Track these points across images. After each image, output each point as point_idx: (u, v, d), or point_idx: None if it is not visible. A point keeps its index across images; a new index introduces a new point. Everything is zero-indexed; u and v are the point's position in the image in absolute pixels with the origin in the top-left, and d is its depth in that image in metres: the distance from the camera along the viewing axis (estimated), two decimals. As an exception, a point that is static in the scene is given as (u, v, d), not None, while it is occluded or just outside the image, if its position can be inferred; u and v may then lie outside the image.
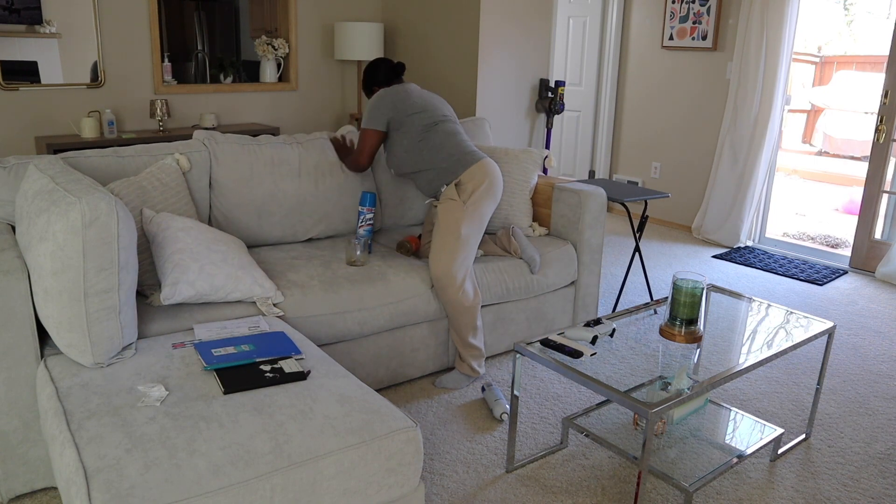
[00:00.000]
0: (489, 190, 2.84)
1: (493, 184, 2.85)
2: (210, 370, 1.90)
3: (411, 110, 2.91)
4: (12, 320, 1.96)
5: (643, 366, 2.21)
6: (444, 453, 2.45)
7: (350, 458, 1.62)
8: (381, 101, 2.91)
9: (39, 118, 4.22)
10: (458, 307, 2.79)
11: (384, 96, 2.92)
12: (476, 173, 2.84)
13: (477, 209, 2.81)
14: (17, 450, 2.07)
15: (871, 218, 4.61)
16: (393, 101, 2.91)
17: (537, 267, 3.06)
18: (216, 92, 4.83)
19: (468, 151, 2.91)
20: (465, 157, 2.87)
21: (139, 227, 2.37)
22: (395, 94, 2.93)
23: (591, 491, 2.27)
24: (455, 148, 2.90)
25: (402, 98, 2.92)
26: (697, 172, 5.49)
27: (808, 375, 3.13)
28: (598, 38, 5.94)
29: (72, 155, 2.55)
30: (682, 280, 2.23)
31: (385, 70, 3.07)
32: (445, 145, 2.89)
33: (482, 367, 2.92)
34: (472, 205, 2.80)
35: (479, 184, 2.82)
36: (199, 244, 2.33)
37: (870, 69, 9.06)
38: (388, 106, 2.90)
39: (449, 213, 2.80)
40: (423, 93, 3.01)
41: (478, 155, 2.91)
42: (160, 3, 4.48)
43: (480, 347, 2.90)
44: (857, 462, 2.49)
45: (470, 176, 2.83)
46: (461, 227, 2.77)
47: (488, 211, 2.87)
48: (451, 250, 2.75)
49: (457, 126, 2.99)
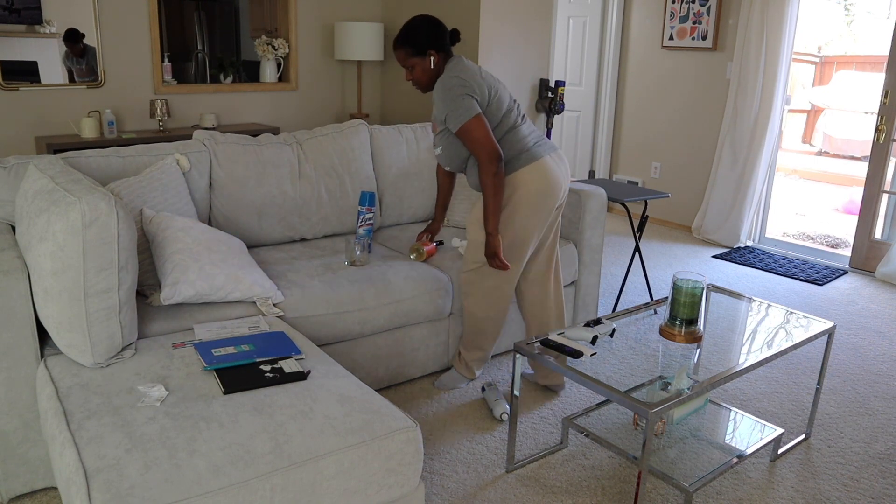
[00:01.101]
0: (529, 198, 2.49)
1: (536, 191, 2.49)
2: (210, 370, 1.90)
3: (492, 93, 2.45)
4: (12, 320, 1.96)
5: (643, 366, 2.21)
6: (444, 453, 2.45)
7: (350, 458, 1.62)
8: (463, 85, 2.38)
9: (39, 118, 4.22)
10: (467, 312, 2.75)
11: (465, 79, 2.39)
12: (523, 178, 2.49)
13: (510, 226, 2.52)
14: (17, 450, 2.07)
15: (871, 218, 4.61)
16: (478, 80, 2.41)
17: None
18: (216, 92, 4.83)
19: (526, 148, 2.50)
20: (523, 156, 2.49)
21: (139, 227, 2.37)
22: (473, 70, 2.43)
23: (591, 491, 2.27)
24: (520, 142, 2.51)
25: (482, 75, 2.45)
26: (697, 172, 5.49)
27: (808, 375, 3.13)
28: (598, 38, 5.94)
29: (72, 155, 2.55)
30: (682, 280, 2.23)
31: (447, 33, 2.51)
32: (515, 137, 2.50)
33: (479, 370, 2.90)
34: (504, 221, 2.52)
35: (519, 191, 2.48)
36: (198, 244, 2.33)
37: (870, 69, 9.06)
38: (476, 82, 2.41)
39: (475, 232, 2.59)
40: (485, 71, 2.56)
41: (535, 153, 2.51)
42: (160, 3, 4.48)
43: (484, 353, 2.84)
44: (857, 462, 2.49)
45: (519, 181, 2.49)
46: (482, 252, 2.60)
47: (531, 220, 2.52)
48: (475, 265, 2.64)
49: (519, 111, 2.58)
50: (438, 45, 2.45)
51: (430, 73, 2.49)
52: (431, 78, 2.51)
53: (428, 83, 2.52)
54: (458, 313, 2.93)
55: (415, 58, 2.47)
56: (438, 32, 2.44)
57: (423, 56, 2.45)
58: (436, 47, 2.45)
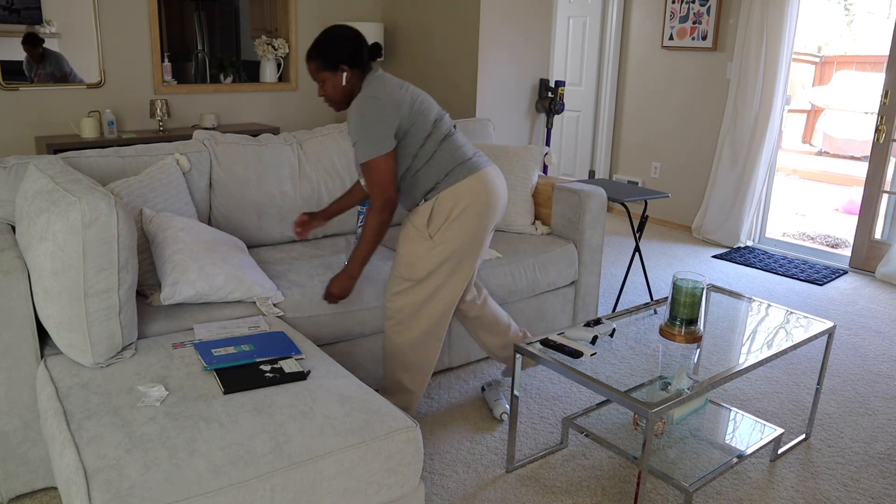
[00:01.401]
0: (475, 208, 2.31)
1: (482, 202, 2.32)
2: (210, 370, 1.90)
3: (414, 105, 2.26)
4: (12, 320, 1.96)
5: (643, 366, 2.21)
6: (444, 453, 2.45)
7: (350, 458, 1.62)
8: (381, 110, 2.18)
9: (39, 118, 4.22)
10: (394, 346, 2.46)
11: (383, 102, 2.18)
12: (469, 188, 2.30)
13: (456, 239, 2.32)
14: (17, 450, 2.07)
15: (871, 218, 4.61)
16: (396, 98, 2.21)
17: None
18: (216, 92, 4.83)
19: (466, 158, 2.34)
20: (466, 165, 2.32)
21: (139, 227, 2.37)
22: (392, 85, 2.23)
23: (591, 491, 2.27)
24: (459, 151, 2.34)
25: (403, 90, 2.25)
26: (697, 172, 5.49)
27: (808, 375, 3.13)
28: (598, 38, 5.94)
29: (72, 155, 2.55)
30: (682, 280, 2.23)
31: (366, 47, 2.27)
32: (445, 152, 2.32)
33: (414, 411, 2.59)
34: (442, 236, 2.32)
35: (465, 201, 2.30)
36: (198, 244, 2.33)
37: (870, 69, 9.06)
38: (394, 100, 2.20)
39: (411, 243, 2.36)
40: (407, 83, 2.33)
41: (477, 163, 2.34)
42: (160, 3, 4.48)
43: (415, 394, 2.52)
44: (857, 462, 2.49)
45: (464, 191, 2.30)
46: (422, 267, 2.35)
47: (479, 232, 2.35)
48: (405, 289, 2.40)
49: (450, 122, 2.41)
50: (353, 60, 2.22)
51: (342, 89, 2.26)
52: (345, 95, 2.28)
53: (341, 100, 2.29)
54: (458, 313, 2.93)
55: (325, 72, 2.23)
56: (353, 46, 2.22)
57: (335, 71, 2.23)
58: (349, 62, 2.22)
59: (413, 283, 2.37)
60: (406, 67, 5.17)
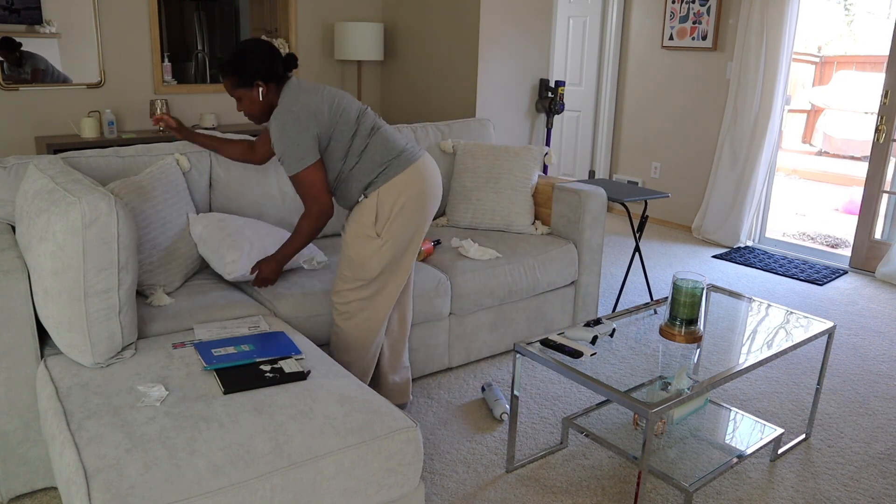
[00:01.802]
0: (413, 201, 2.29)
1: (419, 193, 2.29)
2: (210, 370, 1.90)
3: (334, 110, 2.25)
4: (12, 320, 1.96)
5: (643, 366, 2.21)
6: (444, 453, 2.45)
7: (350, 458, 1.62)
8: (297, 122, 2.17)
9: (39, 118, 4.22)
10: (338, 340, 2.46)
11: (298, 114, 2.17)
12: (406, 180, 2.28)
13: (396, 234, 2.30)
14: (17, 450, 2.07)
15: (871, 218, 4.61)
16: (314, 107, 2.20)
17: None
18: (216, 92, 4.83)
19: (400, 151, 2.31)
20: (401, 159, 2.30)
21: (187, 231, 2.56)
22: (308, 93, 2.22)
23: (591, 491, 2.27)
24: (390, 143, 2.31)
25: (321, 95, 2.23)
26: (697, 172, 5.49)
27: (808, 375, 3.13)
28: (598, 38, 5.94)
29: (72, 155, 2.55)
30: (682, 280, 2.23)
31: (279, 59, 2.25)
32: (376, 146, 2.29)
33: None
34: (388, 233, 2.29)
35: (403, 196, 2.27)
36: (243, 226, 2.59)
37: (870, 69, 9.06)
38: (312, 110, 2.19)
39: (359, 244, 2.32)
40: (322, 86, 2.31)
41: (411, 155, 2.32)
42: (160, 3, 4.48)
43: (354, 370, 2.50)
44: (857, 462, 2.49)
45: (402, 185, 2.28)
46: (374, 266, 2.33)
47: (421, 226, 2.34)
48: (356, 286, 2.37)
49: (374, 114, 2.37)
50: (266, 75, 2.21)
51: (259, 104, 2.25)
52: (263, 109, 2.26)
53: (261, 114, 2.28)
54: (458, 313, 2.94)
55: (241, 89, 2.22)
56: (266, 60, 2.20)
57: (250, 87, 2.22)
58: (263, 77, 2.20)
59: (364, 281, 2.36)
60: (406, 67, 5.17)
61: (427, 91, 5.00)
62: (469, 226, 3.38)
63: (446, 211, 3.47)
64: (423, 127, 3.52)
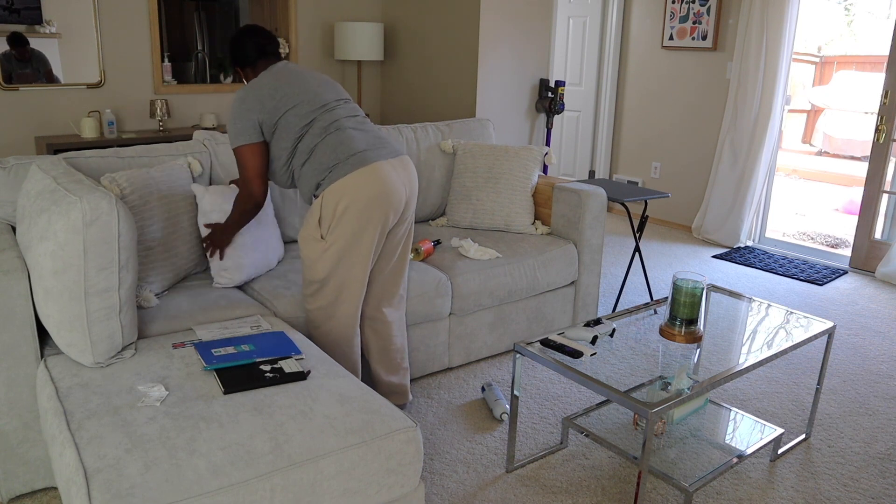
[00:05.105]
0: (357, 205, 2.19)
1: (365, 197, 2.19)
2: (210, 370, 1.90)
3: (284, 102, 2.24)
4: (12, 320, 1.96)
5: (643, 366, 2.21)
6: (444, 453, 2.45)
7: (350, 458, 1.62)
8: (242, 101, 2.24)
9: (39, 118, 4.22)
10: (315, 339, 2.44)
11: (246, 94, 2.24)
12: (352, 183, 2.19)
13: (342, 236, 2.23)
14: (17, 450, 2.07)
15: (871, 218, 4.61)
16: (263, 94, 2.23)
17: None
18: (216, 92, 4.83)
19: (354, 152, 2.23)
20: (350, 160, 2.21)
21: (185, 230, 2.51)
22: (265, 79, 2.27)
23: (591, 491, 2.27)
24: (345, 145, 2.24)
25: (281, 81, 2.26)
26: (697, 172, 5.49)
27: (808, 375, 3.13)
28: (598, 38, 5.94)
29: (72, 155, 2.55)
30: (682, 280, 2.23)
31: (254, 45, 2.34)
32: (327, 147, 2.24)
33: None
34: (332, 236, 2.24)
35: (346, 199, 2.19)
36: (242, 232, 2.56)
37: (870, 69, 9.06)
38: (260, 95, 2.23)
39: (307, 245, 2.29)
40: (299, 74, 2.31)
41: (366, 157, 2.23)
42: (160, 3, 4.48)
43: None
44: (857, 462, 2.49)
45: (347, 187, 2.19)
46: (320, 269, 2.29)
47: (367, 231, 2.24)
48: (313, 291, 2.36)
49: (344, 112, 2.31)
50: (241, 60, 2.37)
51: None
52: None
53: None
54: (458, 313, 2.94)
55: (238, 73, 2.45)
56: (237, 47, 2.36)
57: (238, 72, 2.44)
58: (240, 62, 2.38)
59: (318, 284, 2.33)
60: (406, 67, 5.17)
61: (427, 91, 5.00)
62: (469, 226, 3.39)
63: (446, 211, 3.47)
64: (423, 127, 3.52)
